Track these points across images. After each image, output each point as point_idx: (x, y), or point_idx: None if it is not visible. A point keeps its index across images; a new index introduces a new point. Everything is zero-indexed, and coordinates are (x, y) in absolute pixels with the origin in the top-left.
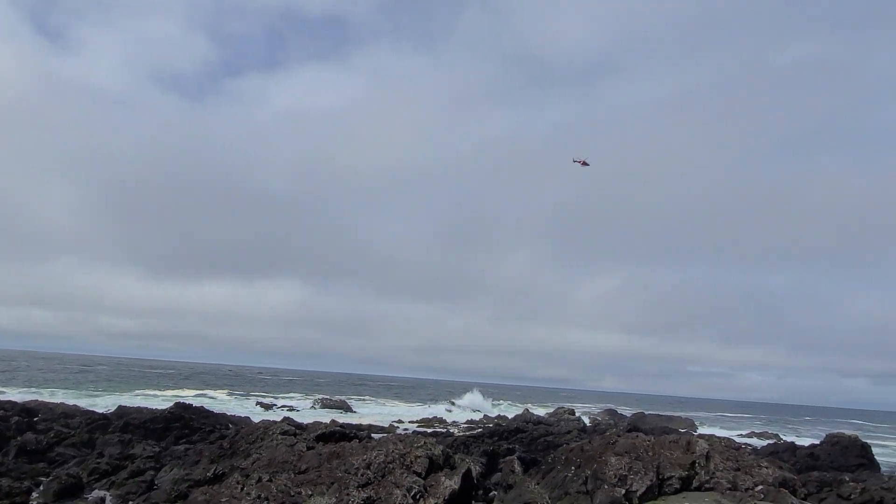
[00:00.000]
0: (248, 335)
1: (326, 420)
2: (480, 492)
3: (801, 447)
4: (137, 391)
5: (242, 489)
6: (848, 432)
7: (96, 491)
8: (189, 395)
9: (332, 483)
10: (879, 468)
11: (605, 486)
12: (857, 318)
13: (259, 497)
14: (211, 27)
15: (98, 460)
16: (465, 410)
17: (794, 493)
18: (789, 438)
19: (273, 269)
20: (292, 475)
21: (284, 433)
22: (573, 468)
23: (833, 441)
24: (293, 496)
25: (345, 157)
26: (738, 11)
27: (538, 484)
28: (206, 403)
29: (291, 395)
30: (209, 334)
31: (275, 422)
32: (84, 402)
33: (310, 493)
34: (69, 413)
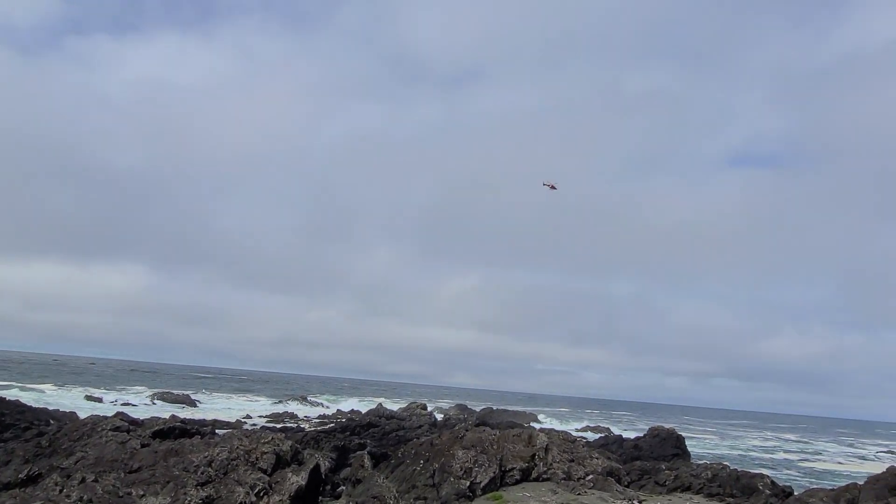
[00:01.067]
0: (80, 322)
1: (166, 415)
2: (329, 487)
3: (628, 439)
4: None
5: (61, 491)
6: (667, 426)
7: None
8: (2, 387)
9: (168, 482)
10: (690, 457)
11: (451, 479)
12: (680, 324)
13: (81, 499)
14: None
15: None
16: (318, 406)
17: (619, 480)
18: (619, 432)
19: (113, 251)
20: (122, 474)
21: (116, 429)
22: (422, 462)
23: (654, 434)
24: (122, 497)
25: (201, 137)
26: (597, 36)
27: (387, 478)
28: (23, 397)
29: (127, 388)
30: (32, 320)
31: (105, 417)
32: None
33: (142, 493)
34: None
